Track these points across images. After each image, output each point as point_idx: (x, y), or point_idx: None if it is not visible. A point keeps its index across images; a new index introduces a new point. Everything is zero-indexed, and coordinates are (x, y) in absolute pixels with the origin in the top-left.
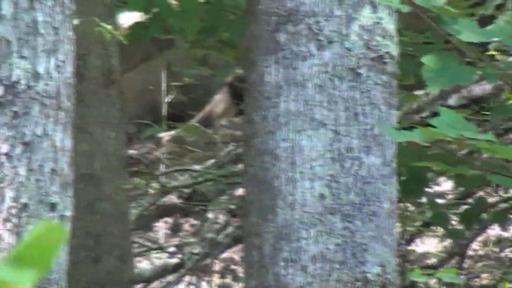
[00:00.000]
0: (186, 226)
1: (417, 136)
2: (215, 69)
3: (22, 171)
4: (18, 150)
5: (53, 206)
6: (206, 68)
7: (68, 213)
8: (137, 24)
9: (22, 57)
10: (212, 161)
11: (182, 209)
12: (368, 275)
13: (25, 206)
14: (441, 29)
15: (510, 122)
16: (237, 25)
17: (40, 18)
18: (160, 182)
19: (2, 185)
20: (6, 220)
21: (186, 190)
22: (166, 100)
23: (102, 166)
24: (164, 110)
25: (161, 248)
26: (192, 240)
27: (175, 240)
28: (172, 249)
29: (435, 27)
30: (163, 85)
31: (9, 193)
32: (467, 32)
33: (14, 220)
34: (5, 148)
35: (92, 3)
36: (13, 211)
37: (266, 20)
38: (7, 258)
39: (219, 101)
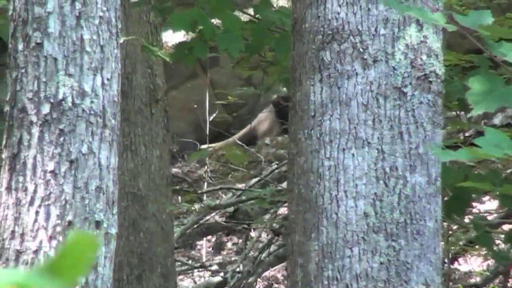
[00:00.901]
0: (229, 245)
1: (462, 155)
2: (260, 88)
3: (67, 188)
4: (64, 168)
5: (98, 224)
6: (250, 87)
7: (114, 231)
8: (181, 44)
9: (69, 74)
10: (256, 179)
11: (225, 227)
12: None
13: (70, 223)
14: (487, 50)
15: None
16: (282, 43)
17: (86, 36)
18: (203, 201)
19: (47, 202)
20: (52, 237)
21: (230, 209)
22: (209, 118)
23: (146, 184)
24: (207, 129)
25: (204, 267)
26: (235, 258)
27: (218, 259)
28: (214, 267)
29: (481, 47)
30: (207, 104)
31: (54, 211)
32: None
33: (60, 237)
34: (51, 166)
35: (138, 22)
36: (58, 228)
37: (312, 39)
38: (43, 267)
39: (263, 120)
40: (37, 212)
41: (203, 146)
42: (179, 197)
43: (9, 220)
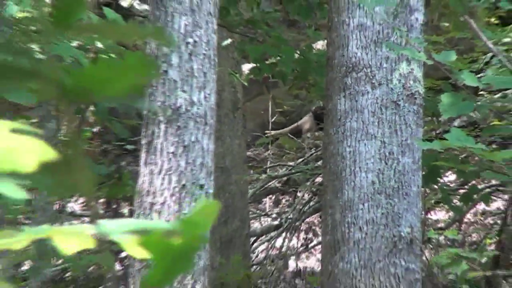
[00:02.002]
0: (283, 201)
1: (435, 145)
2: (304, 101)
3: (182, 163)
4: (180, 150)
5: (201, 186)
6: (298, 100)
7: (211, 191)
8: (253, 68)
9: (183, 91)
10: (301, 159)
11: (281, 190)
12: (402, 233)
13: (183, 186)
14: (453, 77)
15: (493, 137)
16: (319, 72)
17: (195, 66)
18: (266, 173)
19: (169, 172)
20: (172, 195)
21: (284, 178)
22: (271, 120)
23: (230, 162)
24: (270, 127)
25: (267, 215)
26: (287, 209)
27: (276, 210)
28: (274, 215)
29: (449, 74)
30: (270, 111)
31: (174, 178)
32: (468, 79)
33: (177, 195)
34: (172, 149)
35: (226, 57)
36: (176, 189)
37: (338, 70)
38: (179, 220)
39: (305, 121)
40: (163, 178)
41: (270, 133)
42: (251, 171)
43: (145, 183)
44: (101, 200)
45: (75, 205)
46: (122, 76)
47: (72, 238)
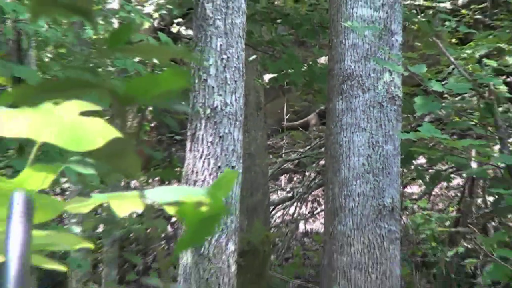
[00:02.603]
0: (295, 178)
1: (411, 136)
2: (313, 105)
3: (218, 150)
4: (216, 139)
5: (233, 167)
6: (306, 102)
7: (240, 171)
8: (272, 78)
9: (219, 95)
10: (308, 147)
11: (293, 170)
12: (385, 203)
13: (219, 167)
14: (424, 84)
15: (454, 130)
16: (322, 81)
17: (228, 76)
18: (282, 157)
19: (209, 157)
20: (210, 174)
21: (295, 161)
22: (286, 117)
23: (254, 149)
24: (285, 122)
25: (282, 189)
26: (298, 185)
27: (290, 185)
28: (288, 189)
29: (421, 82)
30: (285, 110)
31: (212, 161)
32: (435, 86)
33: (214, 174)
34: (210, 139)
35: (251, 70)
36: (214, 170)
37: (337, 79)
38: (206, 188)
39: (312, 118)
40: (203, 162)
41: (284, 127)
42: (270, 156)
43: (190, 165)
44: (157, 179)
45: (137, 182)
46: (157, 85)
47: (125, 203)
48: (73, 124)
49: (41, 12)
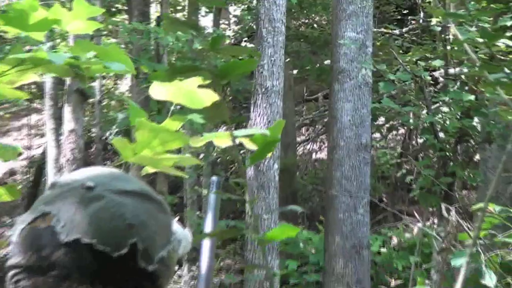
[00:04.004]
0: (310, 129)
1: (376, 105)
2: (320, 86)
3: (269, 111)
4: (268, 105)
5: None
6: (317, 85)
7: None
8: (297, 71)
9: (269, 80)
10: (317, 111)
11: (309, 124)
12: (362, 142)
13: (269, 121)
14: (384, 75)
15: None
16: (327, 73)
17: (274, 70)
18: (303, 116)
19: (264, 116)
20: (264, 125)
21: (310, 119)
22: (305, 94)
23: (288, 111)
24: (304, 97)
25: (303, 135)
26: (312, 133)
27: (307, 133)
28: (306, 135)
29: (383, 74)
30: (304, 90)
31: (265, 117)
32: (391, 76)
33: (267, 125)
34: (264, 105)
35: (287, 67)
36: (266, 122)
37: (335, 72)
38: (267, 129)
39: (320, 95)
40: (260, 118)
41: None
42: (296, 116)
43: (253, 120)
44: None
45: (226, 127)
46: (237, 68)
47: (221, 139)
48: (193, 92)
49: (170, 29)
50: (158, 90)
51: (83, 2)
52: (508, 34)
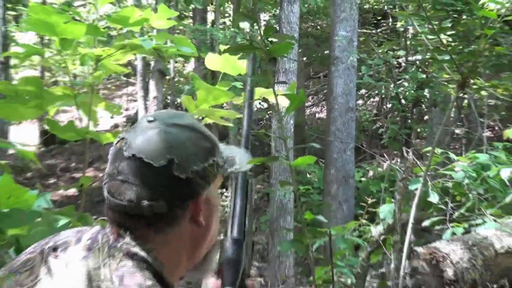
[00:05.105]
0: (315, 97)
1: (360, 80)
2: (322, 68)
3: (289, 83)
4: (287, 79)
5: None
6: (320, 68)
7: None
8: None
9: (288, 63)
10: (320, 85)
11: (314, 94)
12: (349, 105)
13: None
14: (365, 61)
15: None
16: (326, 60)
17: (291, 56)
18: (309, 88)
19: (284, 86)
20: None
21: (315, 90)
22: (311, 73)
23: (300, 85)
24: (311, 75)
25: (309, 101)
26: (316, 99)
27: (313, 99)
28: (311, 101)
29: (364, 60)
30: (311, 70)
31: (285, 86)
32: (371, 62)
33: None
34: (284, 78)
35: (299, 56)
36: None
37: (333, 58)
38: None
39: (322, 74)
40: (282, 88)
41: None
42: (305, 88)
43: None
44: None
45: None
46: (280, 50)
47: (264, 94)
48: (235, 62)
49: (239, 20)
50: (212, 61)
51: (165, 7)
52: (448, 32)
